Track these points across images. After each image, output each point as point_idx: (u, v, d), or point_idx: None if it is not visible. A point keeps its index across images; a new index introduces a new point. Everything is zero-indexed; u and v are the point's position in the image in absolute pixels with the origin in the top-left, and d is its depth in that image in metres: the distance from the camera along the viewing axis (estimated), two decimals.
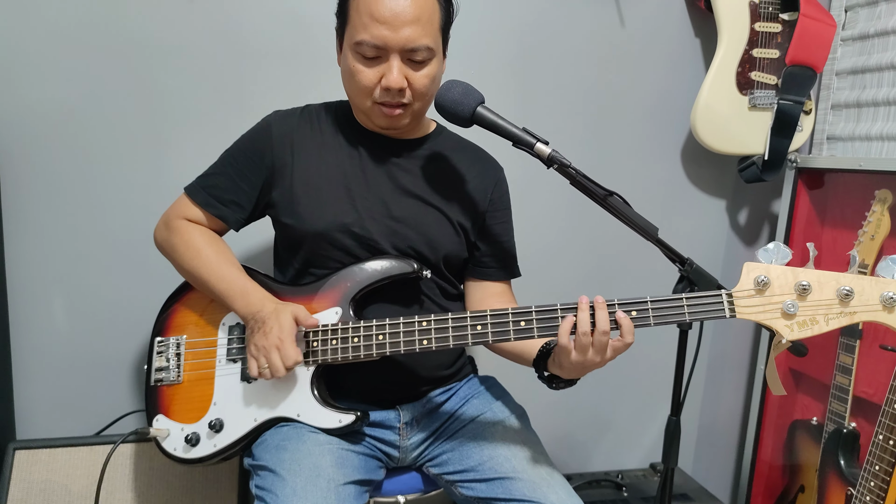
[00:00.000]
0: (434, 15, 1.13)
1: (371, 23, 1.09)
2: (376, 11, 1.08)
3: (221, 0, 1.54)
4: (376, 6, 1.08)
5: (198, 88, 1.56)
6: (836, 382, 1.62)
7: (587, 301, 1.02)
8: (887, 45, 1.70)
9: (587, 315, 1.01)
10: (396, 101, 1.14)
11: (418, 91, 1.15)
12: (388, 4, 1.08)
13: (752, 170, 1.79)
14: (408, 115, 1.19)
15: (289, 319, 1.11)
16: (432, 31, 1.13)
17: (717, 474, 2.09)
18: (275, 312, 1.12)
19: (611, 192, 1.13)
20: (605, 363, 1.04)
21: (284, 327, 1.10)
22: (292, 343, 1.09)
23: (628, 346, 1.03)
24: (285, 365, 1.08)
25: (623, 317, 1.01)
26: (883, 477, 1.31)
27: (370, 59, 1.12)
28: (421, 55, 1.12)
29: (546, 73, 1.75)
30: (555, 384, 1.13)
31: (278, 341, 1.09)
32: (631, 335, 1.02)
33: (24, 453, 1.46)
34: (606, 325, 1.01)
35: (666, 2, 1.79)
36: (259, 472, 1.12)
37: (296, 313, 1.12)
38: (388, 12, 1.08)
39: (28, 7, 1.45)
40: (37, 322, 1.57)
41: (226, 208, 1.25)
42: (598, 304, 1.01)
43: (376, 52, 1.11)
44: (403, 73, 1.12)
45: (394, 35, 1.09)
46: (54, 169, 1.52)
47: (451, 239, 1.26)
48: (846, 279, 0.98)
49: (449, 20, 1.19)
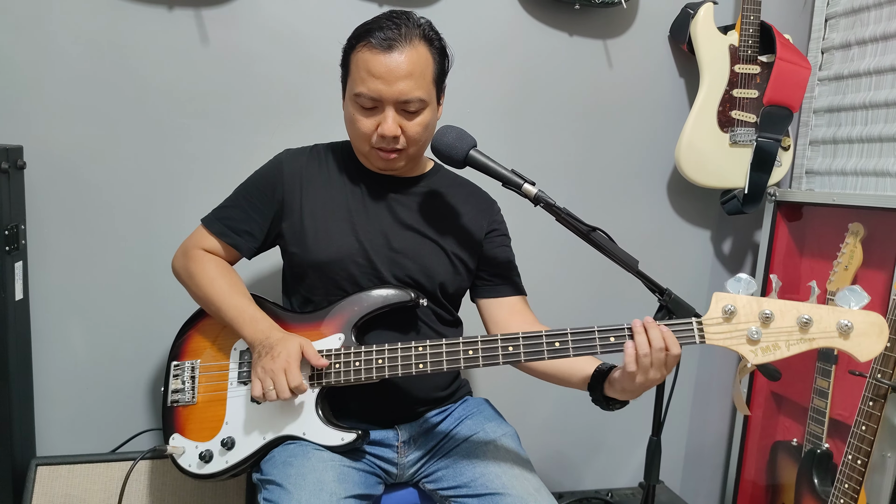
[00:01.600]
0: (427, 69, 1.23)
1: (368, 77, 1.20)
2: (373, 67, 1.19)
3: (235, 45, 1.65)
4: (373, 63, 1.19)
5: (212, 129, 1.67)
6: (814, 405, 1.70)
7: (640, 323, 1.09)
8: (860, 86, 1.81)
9: (645, 338, 1.08)
10: (391, 146, 1.25)
11: (412, 138, 1.26)
12: (383, 61, 1.19)
13: (733, 203, 1.88)
14: (403, 159, 1.29)
15: (296, 347, 1.20)
16: (424, 84, 1.23)
17: (704, 493, 2.16)
18: (283, 340, 1.21)
19: (594, 227, 1.22)
20: (663, 378, 1.12)
21: (292, 353, 1.19)
22: (298, 368, 1.18)
23: (677, 357, 1.10)
24: (290, 386, 1.17)
25: (666, 330, 1.09)
26: (851, 494, 1.39)
27: (368, 108, 1.23)
28: (413, 106, 1.23)
29: (537, 113, 1.85)
30: (611, 406, 1.22)
31: (286, 364, 1.17)
32: (677, 346, 1.08)
33: (46, 469, 1.55)
34: (660, 342, 1.07)
35: (651, 45, 1.90)
36: (267, 485, 1.21)
37: (304, 346, 1.21)
38: (383, 68, 1.19)
39: (52, 52, 1.56)
40: (57, 346, 1.66)
41: (239, 238, 1.35)
42: (650, 324, 1.09)
43: (373, 103, 1.22)
44: (398, 122, 1.23)
45: (388, 89, 1.20)
46: (75, 204, 1.62)
47: (446, 269, 1.35)
48: (805, 308, 1.06)
49: (443, 72, 1.29)
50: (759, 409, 1.97)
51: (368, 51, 1.20)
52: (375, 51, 1.19)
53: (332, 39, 1.31)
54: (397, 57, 1.19)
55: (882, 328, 1.03)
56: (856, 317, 1.04)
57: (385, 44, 1.19)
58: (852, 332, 1.03)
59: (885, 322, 1.04)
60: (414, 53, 1.21)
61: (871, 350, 1.03)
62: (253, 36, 1.66)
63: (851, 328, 1.03)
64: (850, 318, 1.04)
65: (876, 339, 1.03)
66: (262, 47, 1.66)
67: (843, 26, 1.87)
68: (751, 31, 1.81)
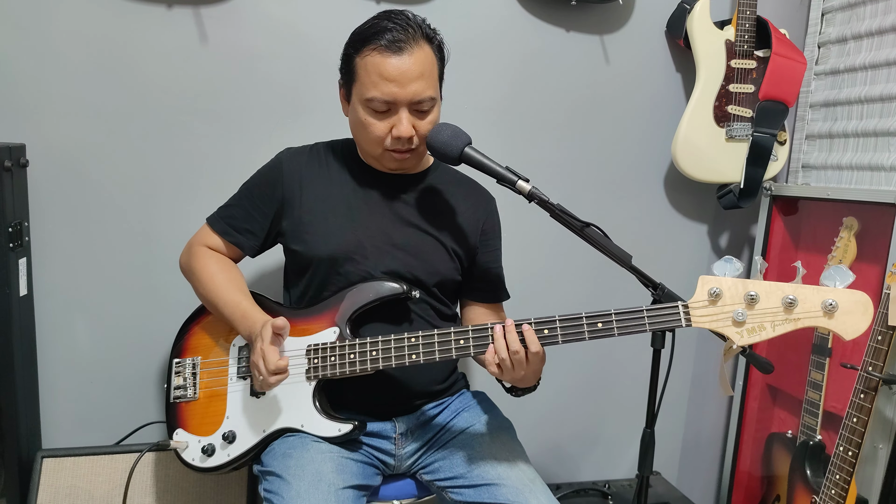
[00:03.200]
0: (434, 67, 1.26)
1: (381, 81, 1.21)
2: (385, 71, 1.20)
3: (234, 44, 1.67)
4: (384, 66, 1.20)
5: (213, 126, 1.69)
6: (808, 398, 1.72)
7: (500, 329, 1.14)
8: (855, 80, 1.82)
9: (502, 343, 1.13)
10: (406, 147, 1.27)
11: (423, 136, 1.28)
12: (395, 64, 1.20)
13: (729, 197, 1.90)
14: (414, 158, 1.32)
15: (267, 330, 1.20)
16: (433, 83, 1.26)
17: (700, 484, 2.18)
18: (260, 329, 1.22)
19: (587, 223, 1.24)
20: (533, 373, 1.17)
21: (265, 338, 1.20)
22: (273, 351, 1.19)
23: (537, 354, 1.14)
24: (268, 369, 1.17)
25: (527, 328, 1.13)
26: (842, 485, 1.41)
27: (381, 112, 1.24)
28: (426, 105, 1.25)
29: (534, 109, 1.87)
30: (515, 393, 1.28)
31: (261, 352, 1.19)
32: (536, 345, 1.13)
33: (51, 461, 1.58)
34: (516, 344, 1.12)
35: (648, 40, 1.91)
36: (267, 477, 1.23)
37: (272, 322, 1.20)
38: (396, 71, 1.20)
39: (53, 51, 1.58)
40: (61, 342, 1.68)
41: (241, 236, 1.37)
42: (508, 327, 1.14)
43: (387, 106, 1.23)
44: (411, 122, 1.25)
45: (402, 91, 1.21)
46: (78, 201, 1.65)
47: (446, 265, 1.38)
48: (790, 289, 1.06)
49: (443, 67, 1.31)
50: (755, 401, 1.99)
51: (378, 54, 1.21)
52: (386, 54, 1.20)
53: (332, 37, 1.32)
54: (407, 59, 1.21)
55: (867, 306, 1.03)
56: (840, 295, 1.04)
57: (395, 46, 1.20)
58: (837, 311, 1.03)
59: (870, 300, 1.03)
60: (421, 53, 1.22)
61: (855, 328, 1.03)
62: (252, 34, 1.67)
63: (836, 307, 1.03)
64: (835, 296, 1.04)
65: (861, 317, 1.03)
66: (261, 45, 1.68)
67: (840, 21, 1.87)
68: (747, 26, 1.81)
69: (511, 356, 1.13)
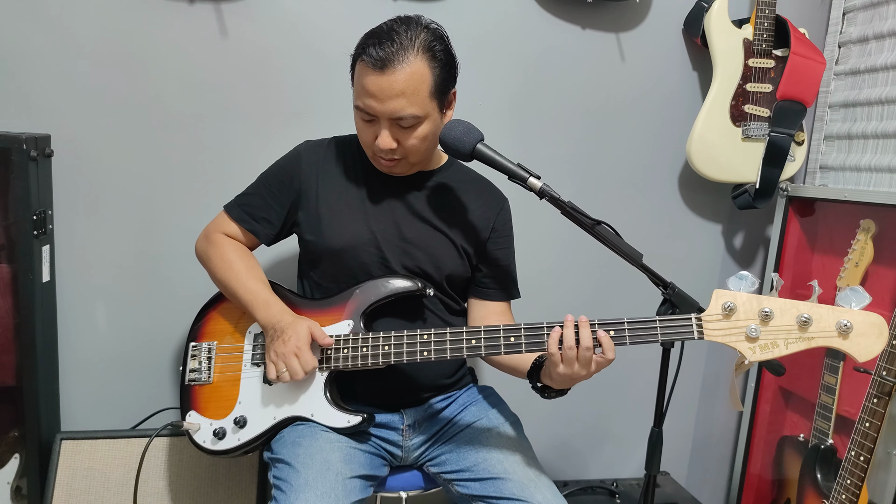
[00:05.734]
0: (422, 85, 1.22)
1: (363, 93, 1.23)
2: (366, 84, 1.21)
3: (253, 39, 1.69)
4: (366, 81, 1.21)
5: (231, 119, 1.71)
6: (821, 401, 1.70)
7: (572, 319, 1.14)
8: (876, 80, 1.79)
9: (572, 331, 1.13)
10: (389, 157, 1.29)
11: (409, 149, 1.28)
12: (375, 80, 1.20)
13: (744, 197, 1.89)
14: (403, 166, 1.33)
15: (305, 330, 1.24)
16: (418, 101, 1.23)
17: (710, 485, 2.17)
18: (293, 324, 1.25)
19: (598, 221, 1.24)
20: (590, 376, 1.15)
21: (301, 337, 1.23)
22: (309, 351, 1.23)
23: (610, 361, 1.14)
24: (304, 369, 1.22)
25: (604, 335, 1.12)
26: (853, 490, 1.40)
27: (367, 120, 1.26)
28: (407, 122, 1.24)
29: (549, 106, 1.87)
30: (546, 394, 1.25)
31: (296, 349, 1.22)
32: (612, 352, 1.13)
33: (70, 443, 1.62)
34: (589, 341, 1.12)
35: (665, 38, 1.90)
36: (276, 464, 1.26)
37: (312, 328, 1.25)
38: (376, 87, 1.20)
39: (78, 45, 1.62)
40: (81, 327, 1.73)
41: (258, 224, 1.40)
42: (582, 322, 1.13)
43: (370, 116, 1.25)
44: (394, 135, 1.25)
45: (381, 106, 1.22)
46: (100, 190, 1.68)
47: (454, 261, 1.39)
48: (805, 307, 1.06)
49: (445, 83, 1.27)
50: (767, 403, 1.98)
51: (364, 67, 1.22)
52: (368, 69, 1.20)
53: (348, 32, 1.33)
54: (389, 77, 1.19)
55: (882, 329, 1.03)
56: (855, 317, 1.04)
57: (378, 63, 1.19)
58: (851, 332, 1.04)
59: (885, 323, 1.03)
60: (407, 70, 1.20)
61: (869, 350, 1.03)
62: (271, 29, 1.69)
63: (851, 328, 1.03)
64: (850, 318, 1.04)
65: (875, 339, 1.03)
66: (279, 40, 1.70)
67: (861, 20, 1.85)
68: (765, 25, 1.80)
69: (581, 350, 1.12)
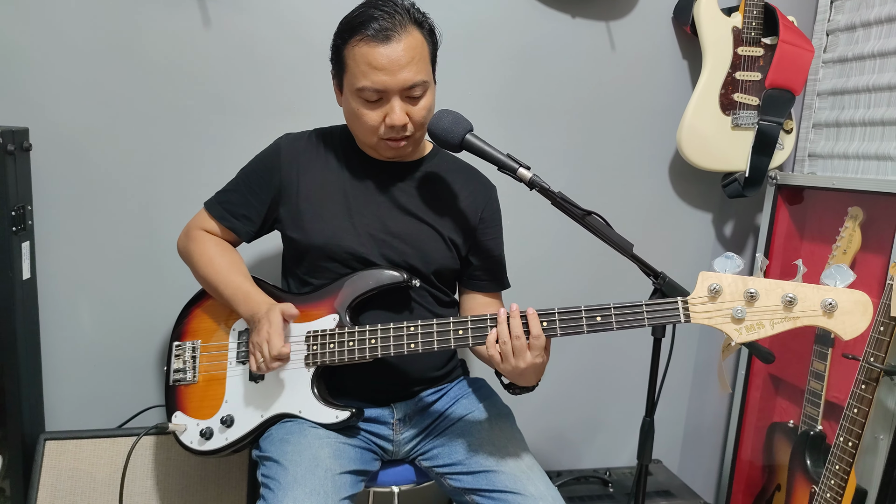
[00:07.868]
0: (424, 51, 1.24)
1: (370, 70, 1.20)
2: (374, 61, 1.19)
3: (237, 28, 1.66)
4: (373, 56, 1.19)
5: (215, 111, 1.68)
6: (810, 388, 1.71)
7: (504, 313, 1.13)
8: (863, 68, 1.79)
9: (505, 328, 1.12)
10: (400, 135, 1.26)
11: (418, 122, 1.27)
12: (384, 53, 1.18)
13: (734, 186, 1.88)
14: (411, 144, 1.31)
15: (277, 315, 1.22)
16: (424, 67, 1.24)
17: (702, 472, 2.19)
18: (268, 312, 1.23)
19: (589, 211, 1.23)
20: (534, 366, 1.13)
21: (273, 322, 1.21)
22: (279, 336, 1.21)
23: (542, 345, 1.12)
24: (271, 355, 1.19)
25: (532, 314, 1.12)
26: (842, 476, 1.40)
27: (373, 101, 1.23)
28: (418, 91, 1.24)
29: (539, 95, 1.85)
30: (512, 390, 1.26)
31: (267, 335, 1.21)
32: (537, 329, 1.11)
33: (54, 443, 1.59)
34: (518, 330, 1.11)
35: (654, 27, 1.89)
36: (265, 462, 1.24)
37: (283, 309, 1.23)
38: (385, 60, 1.19)
39: (57, 35, 1.57)
40: (64, 325, 1.69)
41: (238, 221, 1.37)
42: (513, 312, 1.12)
43: (378, 95, 1.22)
44: (405, 109, 1.24)
45: (392, 79, 1.20)
46: (81, 185, 1.65)
47: (442, 253, 1.37)
48: (790, 287, 1.05)
49: (435, 50, 1.29)
50: (757, 390, 1.99)
51: (366, 44, 1.19)
52: (373, 43, 1.19)
53: (335, 23, 1.30)
54: (396, 46, 1.19)
55: (866, 306, 1.02)
56: (840, 295, 1.03)
57: (382, 35, 1.18)
58: (836, 311, 1.03)
59: (870, 300, 1.03)
60: (410, 39, 1.21)
61: (854, 328, 1.03)
62: (256, 19, 1.66)
63: (836, 306, 1.03)
64: (835, 296, 1.03)
65: (860, 317, 1.02)
66: (264, 30, 1.67)
67: (849, 8, 1.84)
68: (754, 13, 1.79)
69: (513, 341, 1.12)
